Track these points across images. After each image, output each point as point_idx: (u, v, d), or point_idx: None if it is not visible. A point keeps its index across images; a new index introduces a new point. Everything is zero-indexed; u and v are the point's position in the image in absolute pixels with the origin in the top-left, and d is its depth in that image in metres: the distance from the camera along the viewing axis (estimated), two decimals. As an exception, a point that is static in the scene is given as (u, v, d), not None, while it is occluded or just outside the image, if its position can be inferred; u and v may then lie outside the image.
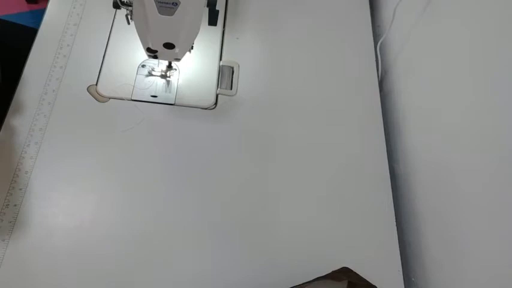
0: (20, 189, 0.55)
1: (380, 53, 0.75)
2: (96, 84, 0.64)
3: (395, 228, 0.60)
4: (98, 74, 0.65)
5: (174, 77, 0.67)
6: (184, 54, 0.58)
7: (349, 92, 0.70)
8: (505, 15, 0.49)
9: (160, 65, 0.66)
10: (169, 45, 0.55)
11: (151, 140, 0.61)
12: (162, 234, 0.55)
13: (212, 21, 0.55)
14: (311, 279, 0.50)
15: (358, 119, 0.68)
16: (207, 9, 0.54)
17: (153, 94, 0.65)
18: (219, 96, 0.67)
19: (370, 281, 0.51)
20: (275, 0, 0.77)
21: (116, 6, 0.53)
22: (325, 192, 0.61)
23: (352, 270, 0.52)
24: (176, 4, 0.49)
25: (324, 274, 0.51)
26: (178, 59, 0.59)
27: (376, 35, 0.77)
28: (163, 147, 0.61)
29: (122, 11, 0.55)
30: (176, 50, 0.56)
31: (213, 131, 0.63)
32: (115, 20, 0.70)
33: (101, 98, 0.63)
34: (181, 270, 0.54)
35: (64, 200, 0.55)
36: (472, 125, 0.54)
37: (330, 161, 0.64)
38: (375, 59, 0.74)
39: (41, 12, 0.68)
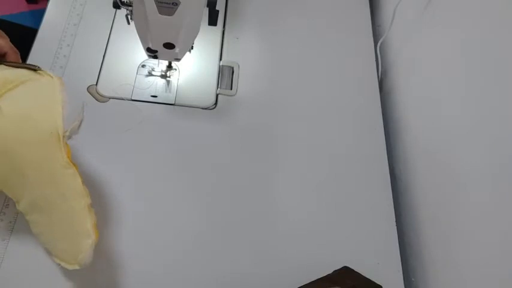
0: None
1: (380, 53, 0.75)
2: (96, 84, 0.64)
3: (396, 228, 0.60)
4: (98, 74, 0.65)
5: (174, 77, 0.67)
6: (184, 54, 0.58)
7: (349, 92, 0.70)
8: (505, 14, 0.49)
9: (160, 65, 0.66)
10: (169, 45, 0.55)
11: (151, 140, 0.61)
12: (162, 234, 0.55)
13: (212, 21, 0.55)
14: (312, 279, 0.50)
15: (358, 118, 0.68)
16: (207, 9, 0.54)
17: (153, 94, 0.65)
18: (219, 96, 0.66)
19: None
20: (275, 0, 0.77)
21: (116, 6, 0.53)
22: (325, 192, 0.61)
23: (353, 270, 0.52)
24: (176, 4, 0.49)
25: (324, 274, 0.51)
26: (178, 59, 0.59)
27: (376, 35, 0.77)
28: (163, 147, 0.61)
29: (122, 11, 0.55)
30: (176, 50, 0.56)
31: (213, 131, 0.63)
32: (115, 20, 0.70)
33: (101, 98, 0.63)
34: (181, 269, 0.54)
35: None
36: (473, 125, 0.54)
37: (330, 160, 0.64)
38: (374, 59, 0.74)
39: (41, 12, 0.68)
